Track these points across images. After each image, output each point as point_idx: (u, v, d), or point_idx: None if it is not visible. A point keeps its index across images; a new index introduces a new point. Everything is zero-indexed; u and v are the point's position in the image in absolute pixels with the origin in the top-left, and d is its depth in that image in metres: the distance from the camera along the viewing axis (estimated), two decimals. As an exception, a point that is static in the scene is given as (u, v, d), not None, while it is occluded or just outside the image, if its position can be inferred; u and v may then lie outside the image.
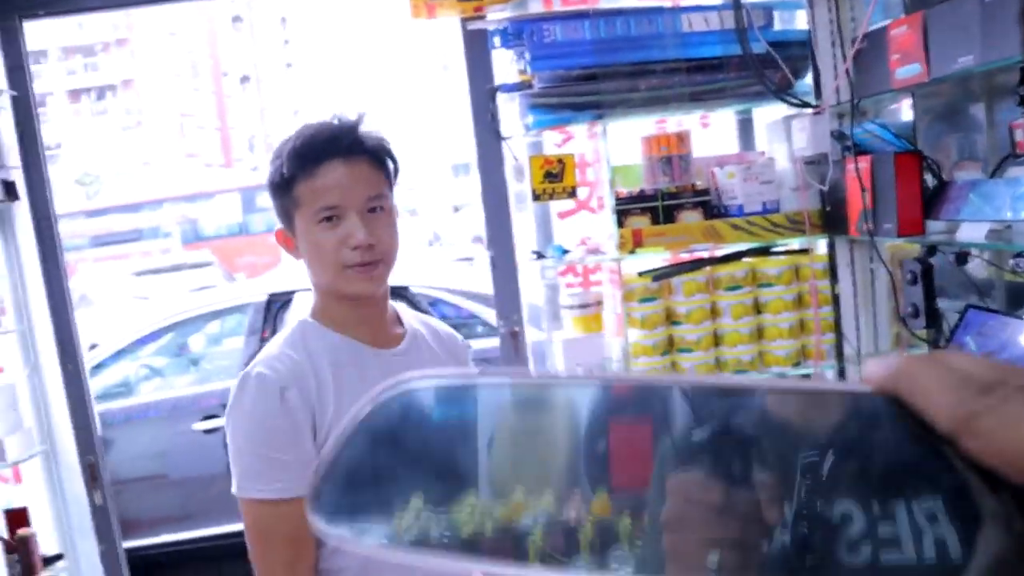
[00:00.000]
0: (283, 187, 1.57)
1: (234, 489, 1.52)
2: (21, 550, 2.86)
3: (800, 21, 2.84)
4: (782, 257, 2.94)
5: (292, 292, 4.77)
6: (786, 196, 2.88)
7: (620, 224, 2.81)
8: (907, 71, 2.22)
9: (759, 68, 2.61)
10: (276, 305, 4.96)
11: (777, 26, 2.83)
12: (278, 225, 1.64)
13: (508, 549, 0.35)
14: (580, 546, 0.34)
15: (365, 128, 1.59)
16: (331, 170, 1.54)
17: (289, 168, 1.54)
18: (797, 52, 2.77)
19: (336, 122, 1.59)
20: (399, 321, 1.71)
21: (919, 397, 0.30)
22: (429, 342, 1.73)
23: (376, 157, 1.60)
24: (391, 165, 1.63)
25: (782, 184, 2.88)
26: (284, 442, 1.49)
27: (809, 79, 2.77)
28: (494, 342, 4.98)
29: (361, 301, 1.60)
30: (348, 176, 1.55)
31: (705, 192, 2.87)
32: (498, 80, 2.87)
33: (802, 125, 2.71)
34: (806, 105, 2.68)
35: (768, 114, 3.08)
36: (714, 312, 2.91)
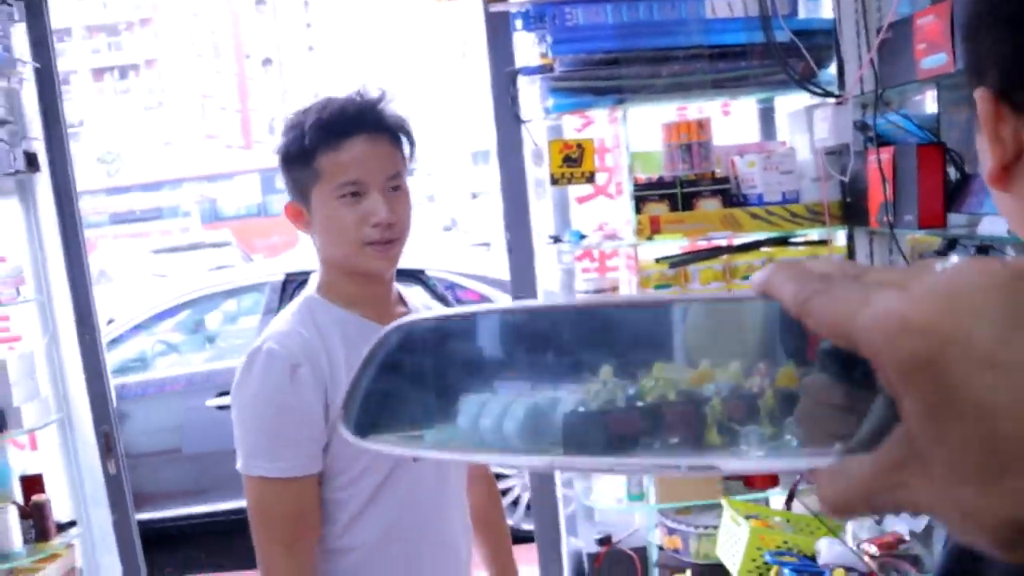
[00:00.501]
0: (303, 159, 1.54)
1: (239, 465, 1.51)
2: (36, 516, 2.89)
3: (825, 10, 2.83)
4: (800, 248, 2.93)
5: (309, 272, 4.78)
6: (806, 186, 2.87)
7: (638, 210, 2.81)
8: (933, 61, 2.20)
9: (782, 56, 2.60)
10: (293, 285, 4.98)
11: (801, 14, 2.80)
12: (289, 198, 1.61)
13: (690, 415, 0.38)
14: (760, 414, 0.37)
15: (388, 106, 1.59)
16: (356, 145, 1.53)
17: (312, 139, 1.52)
18: (821, 41, 2.75)
19: (361, 98, 1.58)
20: (403, 301, 1.70)
21: (775, 290, 0.35)
22: None
23: (397, 135, 1.59)
24: (410, 145, 1.63)
25: (802, 174, 2.87)
26: (292, 420, 1.48)
27: (833, 69, 2.76)
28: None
29: (372, 279, 1.59)
30: (371, 152, 1.54)
31: (724, 180, 2.86)
32: (519, 63, 2.87)
33: (824, 115, 2.70)
34: (829, 95, 2.66)
35: (790, 103, 3.06)
36: (730, 301, 2.89)
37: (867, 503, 0.34)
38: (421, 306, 1.74)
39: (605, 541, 2.94)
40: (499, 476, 4.69)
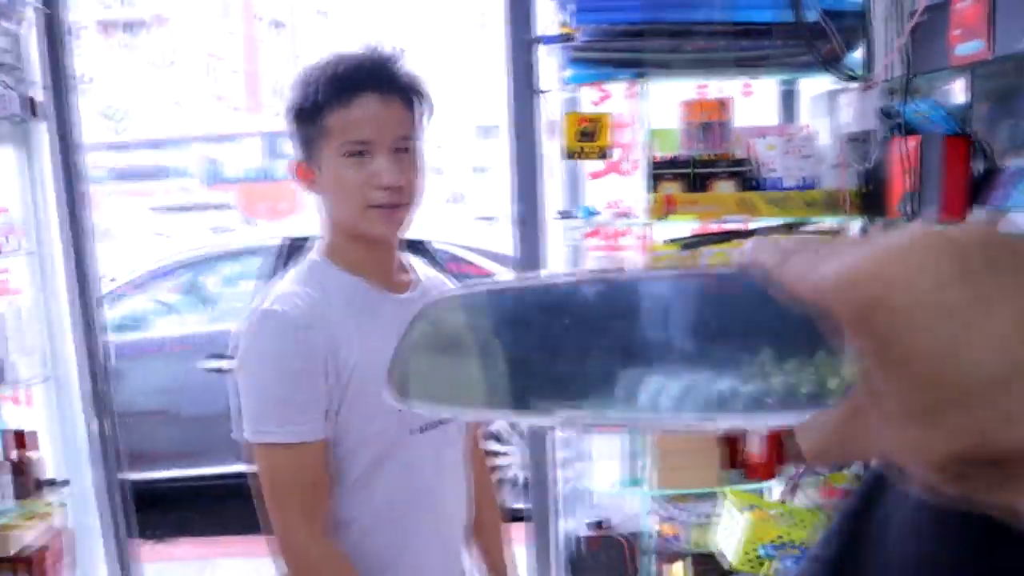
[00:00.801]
0: (312, 115, 1.47)
1: (247, 433, 1.44)
2: (26, 472, 2.84)
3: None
4: (816, 236, 2.86)
5: (309, 238, 4.71)
6: (825, 173, 2.80)
7: (653, 189, 2.74)
8: (968, 48, 2.13)
9: (809, 37, 2.52)
10: (293, 250, 4.92)
11: (832, -6, 2.72)
12: (297, 157, 1.54)
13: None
14: (745, 378, 0.41)
15: (403, 65, 1.52)
16: (367, 102, 1.46)
17: (324, 95, 1.46)
18: (850, 23, 2.67)
19: (375, 55, 1.51)
20: (407, 269, 1.64)
21: (756, 260, 0.38)
22: (436, 290, 1.67)
23: (410, 96, 1.52)
24: (424, 106, 1.55)
25: (822, 160, 2.80)
26: (301, 383, 1.42)
27: (860, 52, 2.68)
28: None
29: (377, 244, 1.53)
30: (383, 111, 1.47)
31: (742, 162, 2.79)
32: (538, 32, 2.79)
33: (849, 100, 2.63)
34: (855, 79, 2.58)
35: (813, 87, 2.99)
36: (741, 286, 2.83)
37: (840, 451, 0.38)
38: (425, 276, 1.68)
39: (598, 525, 2.90)
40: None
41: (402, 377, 0.52)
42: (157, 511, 4.41)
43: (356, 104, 1.45)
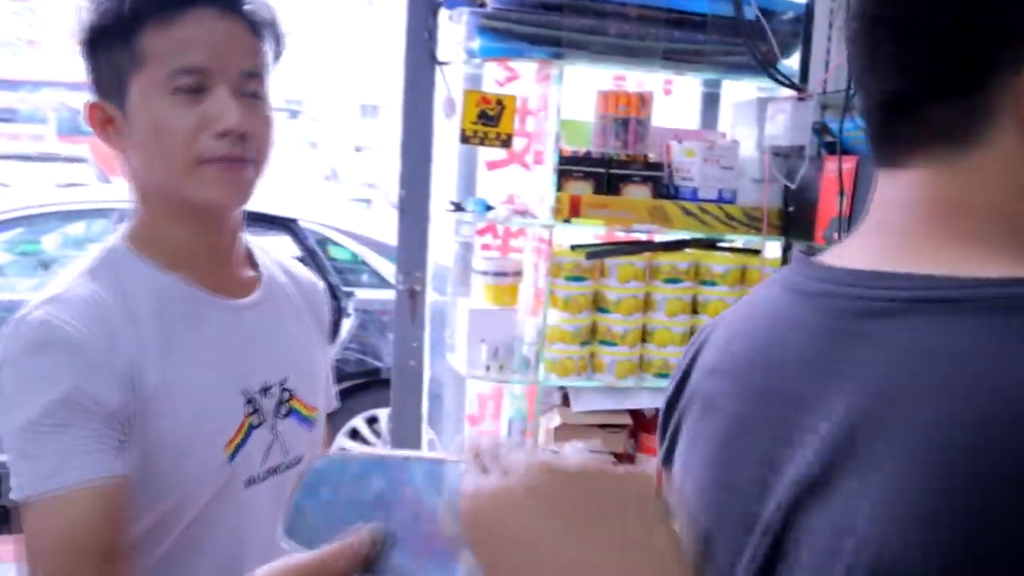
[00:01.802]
0: (118, 35, 1.07)
1: (13, 494, 1.00)
2: None
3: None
4: (730, 254, 2.61)
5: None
6: (746, 187, 2.55)
7: (559, 187, 2.43)
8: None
9: (754, 34, 2.25)
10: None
11: (772, -8, 2.46)
12: (91, 97, 1.12)
13: None
14: None
15: None
16: (202, 18, 1.07)
17: (135, 6, 1.05)
18: (789, 27, 2.42)
19: None
20: (251, 262, 1.24)
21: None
22: (287, 292, 1.27)
23: (258, 24, 1.13)
24: (274, 42, 1.16)
25: (744, 173, 2.55)
26: (80, 414, 1.00)
27: (797, 59, 2.43)
28: (381, 294, 4.57)
29: (211, 218, 1.13)
30: (223, 33, 1.08)
31: (658, 167, 2.51)
32: (444, -5, 2.43)
33: (781, 110, 2.37)
34: (794, 87, 2.33)
35: (737, 92, 2.74)
36: (647, 304, 2.55)
37: None
38: (275, 264, 1.28)
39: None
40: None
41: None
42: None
43: (185, 21, 1.06)
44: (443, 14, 2.49)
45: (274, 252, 1.31)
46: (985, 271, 0.57)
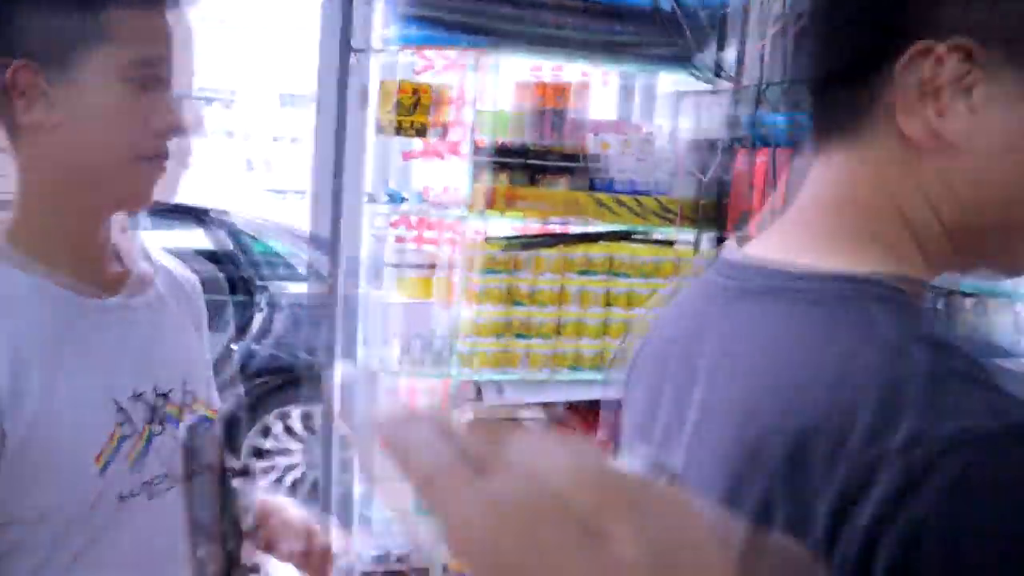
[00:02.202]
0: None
1: None
2: None
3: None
4: (643, 246, 2.62)
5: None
6: (662, 180, 2.56)
7: (475, 178, 2.40)
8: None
9: (671, 27, 2.26)
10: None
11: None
12: (16, 57, 0.99)
13: None
14: None
15: None
16: (174, 13, 1.03)
17: None
18: (704, 20, 2.44)
19: None
20: (119, 258, 1.15)
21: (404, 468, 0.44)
22: (162, 290, 1.18)
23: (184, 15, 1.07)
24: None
25: (659, 165, 2.56)
26: None
27: (713, 54, 2.45)
28: (299, 288, 4.48)
29: (110, 214, 1.08)
30: (176, 26, 1.03)
31: (575, 158, 2.50)
32: (361, -21, 2.38)
33: (696, 104, 2.40)
34: (711, 80, 2.35)
35: (655, 85, 2.75)
36: (562, 297, 2.54)
37: None
38: (149, 259, 1.19)
39: (384, 558, 2.53)
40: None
41: None
42: None
43: (160, 8, 1.02)
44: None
45: (149, 247, 1.23)
46: (828, 265, 0.63)
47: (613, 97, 2.87)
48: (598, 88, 2.84)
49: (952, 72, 0.59)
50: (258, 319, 4.10)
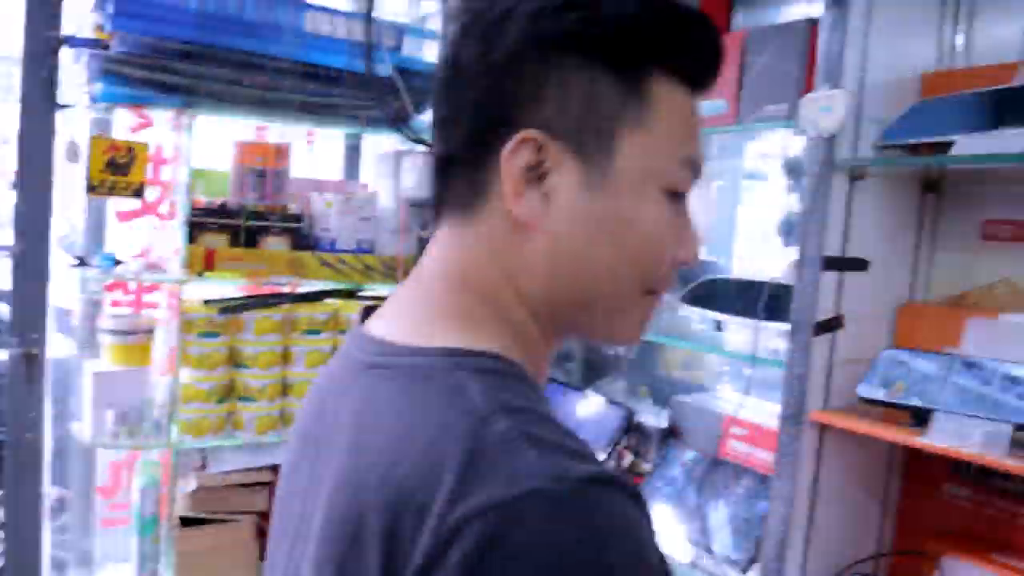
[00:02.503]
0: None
1: None
2: None
3: (430, 50, 2.61)
4: (367, 302, 2.65)
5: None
6: (384, 237, 2.61)
7: (191, 240, 2.34)
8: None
9: (381, 91, 2.33)
10: None
11: (406, 51, 2.57)
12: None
13: None
14: None
15: None
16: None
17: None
18: (420, 83, 2.54)
19: None
20: None
21: None
22: None
23: None
24: None
25: (382, 224, 2.61)
26: None
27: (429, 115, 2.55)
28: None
29: None
30: None
31: (297, 219, 2.51)
32: (68, 30, 2.27)
33: (413, 163, 2.48)
34: (421, 142, 2.43)
35: (379, 144, 2.82)
36: (286, 357, 2.52)
37: None
38: None
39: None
40: None
41: None
42: None
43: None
44: (66, 53, 2.33)
45: None
46: (440, 339, 0.66)
47: (339, 156, 2.91)
48: (322, 148, 2.87)
49: (526, 160, 0.66)
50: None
